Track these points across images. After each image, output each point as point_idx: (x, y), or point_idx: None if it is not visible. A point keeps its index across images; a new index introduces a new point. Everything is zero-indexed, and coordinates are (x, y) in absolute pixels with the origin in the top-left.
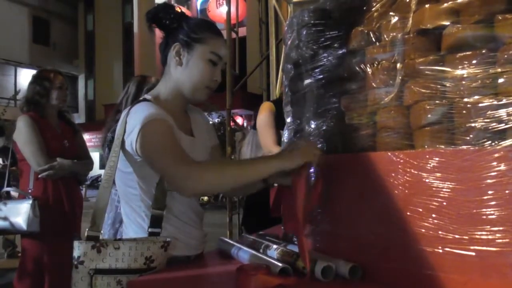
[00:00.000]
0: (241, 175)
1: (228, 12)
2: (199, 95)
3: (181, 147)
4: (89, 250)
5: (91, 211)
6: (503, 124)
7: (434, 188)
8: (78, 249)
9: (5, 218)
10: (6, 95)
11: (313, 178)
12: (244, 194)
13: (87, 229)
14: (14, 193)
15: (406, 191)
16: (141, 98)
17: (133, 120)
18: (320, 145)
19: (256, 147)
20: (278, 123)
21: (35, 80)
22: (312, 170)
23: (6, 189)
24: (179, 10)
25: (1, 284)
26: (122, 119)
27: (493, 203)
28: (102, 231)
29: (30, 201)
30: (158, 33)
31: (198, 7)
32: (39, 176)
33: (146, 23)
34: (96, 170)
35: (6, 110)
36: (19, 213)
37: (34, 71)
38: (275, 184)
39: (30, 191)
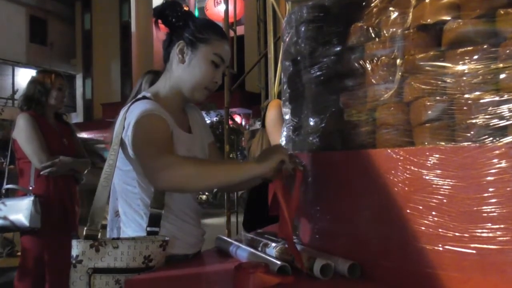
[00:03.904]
0: (217, 176)
1: (226, 11)
2: (198, 95)
3: (169, 141)
4: (88, 249)
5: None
6: (505, 121)
7: (434, 186)
8: (77, 248)
9: (5, 218)
10: (3, 94)
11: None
12: (240, 190)
13: (85, 228)
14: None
15: (406, 189)
16: (140, 96)
17: (131, 117)
18: (315, 141)
19: (266, 145)
20: None
21: (36, 79)
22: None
23: (6, 186)
24: (186, 9)
25: (0, 283)
26: (122, 117)
27: (494, 200)
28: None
29: (32, 198)
30: (156, 33)
31: (196, 6)
32: (41, 173)
33: (152, 18)
34: None
35: (3, 109)
36: (20, 210)
37: (31, 71)
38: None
39: (31, 188)
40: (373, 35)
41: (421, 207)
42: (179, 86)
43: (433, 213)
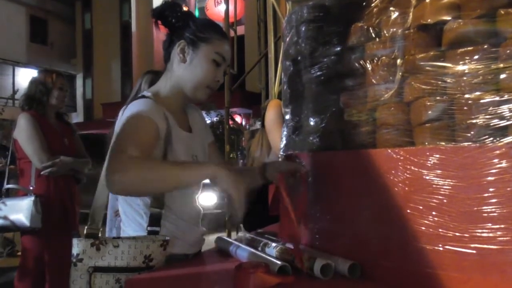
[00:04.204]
0: (171, 179)
1: (227, 11)
2: (200, 95)
3: (147, 145)
4: (88, 247)
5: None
6: (505, 121)
7: (434, 186)
8: (77, 246)
9: (5, 218)
10: (4, 94)
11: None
12: None
13: (86, 227)
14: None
15: (406, 189)
16: (140, 95)
17: (124, 116)
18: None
19: (266, 145)
20: None
21: (37, 78)
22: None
23: (7, 186)
24: (186, 9)
25: (0, 283)
26: (120, 116)
27: (494, 200)
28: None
29: (32, 198)
30: (156, 33)
31: (196, 6)
32: (42, 173)
33: (152, 18)
34: None
35: (4, 109)
36: (21, 210)
37: (32, 71)
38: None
39: (31, 188)
40: (373, 35)
41: (421, 207)
42: (181, 86)
43: (433, 213)
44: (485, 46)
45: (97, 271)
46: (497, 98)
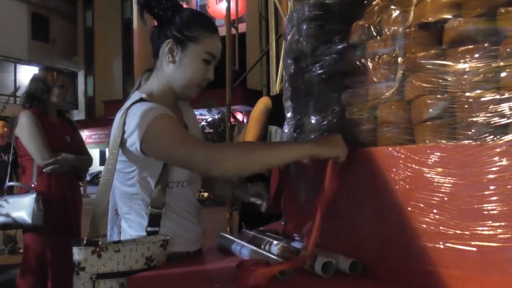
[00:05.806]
0: (268, 156)
1: (228, 8)
2: (190, 93)
3: (191, 134)
4: (90, 255)
5: (90, 207)
6: (505, 119)
7: (435, 183)
8: (78, 255)
9: (7, 215)
10: (5, 91)
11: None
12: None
13: (85, 235)
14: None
15: (407, 187)
16: (137, 98)
17: (133, 121)
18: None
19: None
20: (273, 118)
21: (38, 76)
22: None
23: (9, 183)
24: None
25: (2, 281)
26: (120, 120)
27: (494, 198)
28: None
29: (34, 195)
30: None
31: (198, 3)
32: (43, 170)
33: (138, 8)
34: (96, 167)
35: (5, 107)
36: (23, 207)
37: (33, 68)
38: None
39: (33, 185)
40: (374, 33)
41: (422, 205)
42: (171, 85)
43: (434, 211)
44: (486, 45)
45: (100, 278)
46: (498, 96)
